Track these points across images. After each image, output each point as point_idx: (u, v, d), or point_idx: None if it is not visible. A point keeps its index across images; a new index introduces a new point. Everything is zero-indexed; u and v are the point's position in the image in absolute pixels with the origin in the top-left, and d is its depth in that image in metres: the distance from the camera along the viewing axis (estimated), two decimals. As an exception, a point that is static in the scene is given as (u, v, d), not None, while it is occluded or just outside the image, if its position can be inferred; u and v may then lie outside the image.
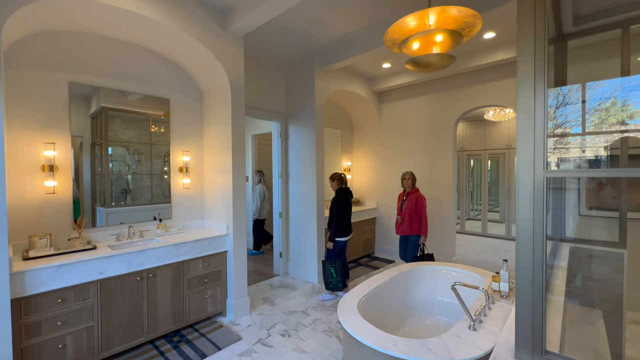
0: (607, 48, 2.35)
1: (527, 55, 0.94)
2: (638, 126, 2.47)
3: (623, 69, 2.15)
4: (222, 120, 3.06)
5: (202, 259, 2.82)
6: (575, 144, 2.47)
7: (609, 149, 2.66)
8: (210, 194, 3.27)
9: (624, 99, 2.36)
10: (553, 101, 2.05)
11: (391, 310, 2.52)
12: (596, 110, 2.44)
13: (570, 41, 2.31)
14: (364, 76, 4.76)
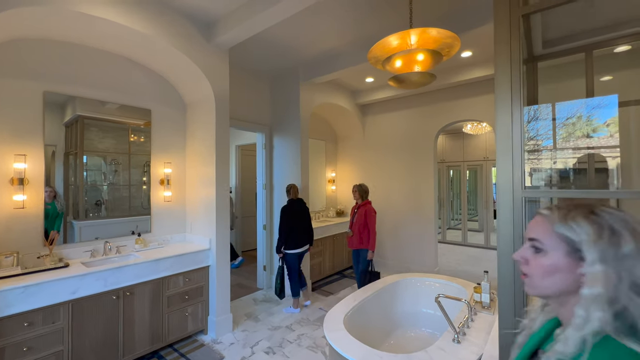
0: (574, 69, 2.51)
1: (504, 79, 0.99)
2: (601, 139, 2.67)
3: (587, 90, 2.31)
4: (206, 132, 3.02)
5: (183, 275, 2.73)
6: (546, 155, 2.62)
7: (577, 164, 2.83)
8: (193, 207, 3.18)
9: (588, 115, 2.56)
10: (525, 116, 2.17)
11: (376, 324, 2.52)
12: (564, 125, 2.62)
13: (540, 62, 2.48)
14: (348, 89, 4.86)
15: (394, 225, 4.88)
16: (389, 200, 4.94)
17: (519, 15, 0.95)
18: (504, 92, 1.01)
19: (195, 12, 2.64)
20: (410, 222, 4.70)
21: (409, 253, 4.72)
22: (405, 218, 4.76)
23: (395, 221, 4.87)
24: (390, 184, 4.94)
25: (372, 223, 3.43)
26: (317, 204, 5.05)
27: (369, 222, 3.42)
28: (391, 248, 4.92)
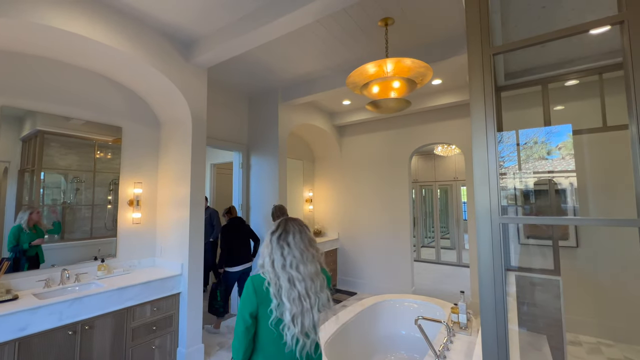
0: (532, 98, 2.73)
1: (479, 109, 1.05)
2: (555, 161, 2.94)
3: (545, 118, 2.52)
4: (181, 152, 2.92)
5: (150, 304, 2.53)
6: (509, 176, 2.83)
7: (539, 184, 3.05)
8: (164, 229, 3.01)
9: (543, 139, 2.82)
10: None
11: (356, 349, 2.46)
12: (523, 148, 2.85)
13: (504, 92, 2.69)
14: (325, 111, 4.96)
15: (370, 245, 4.91)
16: (365, 220, 4.99)
17: (490, 54, 1.03)
18: (479, 122, 1.07)
19: (174, 31, 2.62)
20: (386, 241, 4.76)
21: (386, 272, 4.73)
22: (381, 237, 4.81)
23: (371, 240, 4.91)
24: (366, 203, 5.01)
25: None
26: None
27: None
28: (367, 268, 4.92)
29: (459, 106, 4.18)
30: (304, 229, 1.24)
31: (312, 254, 1.20)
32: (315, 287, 1.17)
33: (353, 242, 5.10)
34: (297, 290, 1.13)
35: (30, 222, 2.33)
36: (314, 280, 1.17)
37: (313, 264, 1.19)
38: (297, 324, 1.11)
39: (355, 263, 5.06)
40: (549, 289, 2.55)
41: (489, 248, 0.99)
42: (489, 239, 0.99)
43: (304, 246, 1.19)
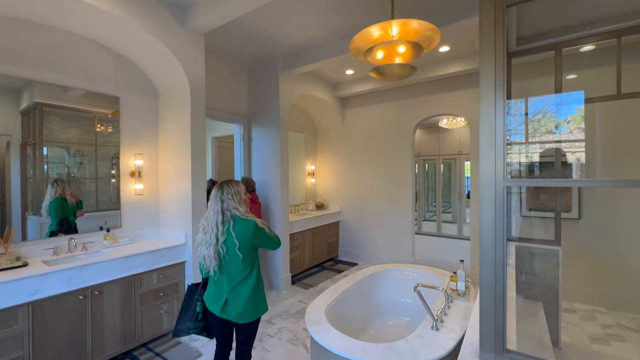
0: (542, 68, 2.61)
1: (488, 71, 1.00)
2: (562, 135, 2.85)
3: (556, 87, 2.42)
4: (181, 122, 2.87)
5: (157, 272, 2.60)
6: (515, 150, 2.76)
7: (544, 157, 2.99)
8: (167, 201, 3.04)
9: (552, 111, 2.71)
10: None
11: (357, 314, 2.54)
12: (531, 121, 2.76)
13: (514, 59, 2.56)
14: (327, 82, 4.81)
15: (372, 217, 4.95)
16: (367, 192, 5.00)
17: (504, 6, 0.95)
18: (488, 84, 1.02)
19: (167, -8, 2.48)
20: (388, 213, 4.79)
21: (387, 244, 4.81)
22: (383, 210, 4.84)
23: (372, 213, 4.94)
24: (368, 176, 4.99)
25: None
26: (296, 197, 5.01)
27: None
28: (369, 240, 5.00)
29: (467, 75, 4.03)
30: (221, 189, 1.71)
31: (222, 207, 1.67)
32: (218, 230, 1.65)
33: (355, 215, 5.15)
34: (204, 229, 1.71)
35: (73, 196, 2.56)
36: (218, 226, 1.65)
37: (220, 214, 1.67)
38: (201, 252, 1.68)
39: (357, 235, 5.14)
40: (547, 259, 2.58)
41: (492, 211, 0.97)
42: (492, 203, 0.97)
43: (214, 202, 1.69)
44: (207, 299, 1.70)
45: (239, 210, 1.66)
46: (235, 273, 1.64)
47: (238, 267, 1.63)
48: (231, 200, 1.66)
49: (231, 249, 1.62)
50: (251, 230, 1.62)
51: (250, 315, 1.65)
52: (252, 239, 1.63)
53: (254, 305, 1.65)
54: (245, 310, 1.63)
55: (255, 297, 1.66)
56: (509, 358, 0.97)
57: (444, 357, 1.59)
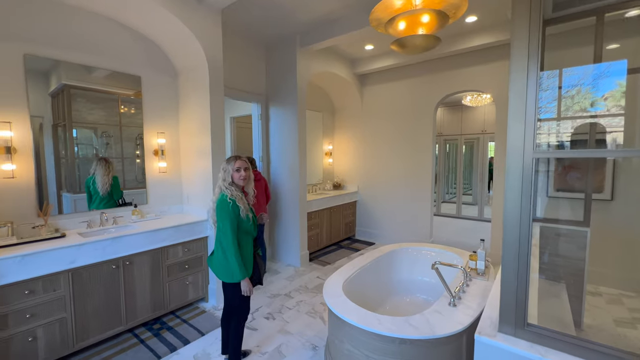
0: (580, 37, 2.41)
1: (521, 38, 0.93)
2: (599, 113, 2.64)
3: (595, 56, 2.23)
4: (200, 101, 2.90)
5: (182, 245, 2.74)
6: (544, 129, 2.60)
7: (576, 134, 2.81)
8: (189, 178, 3.14)
9: (587, 87, 2.50)
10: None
11: (373, 290, 2.58)
12: (563, 98, 2.57)
13: (549, 27, 2.37)
14: (346, 58, 4.67)
15: (390, 197, 4.92)
16: (386, 172, 4.94)
17: (542, -40, 0.87)
18: (521, 48, 0.96)
19: (183, -34, 2.44)
20: (407, 194, 4.73)
21: (405, 225, 4.79)
22: (402, 190, 4.78)
23: (391, 193, 4.90)
24: (387, 156, 4.91)
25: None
26: (313, 176, 5.03)
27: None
28: (386, 220, 4.99)
29: (495, 48, 3.78)
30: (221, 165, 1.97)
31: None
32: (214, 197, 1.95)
33: (373, 195, 5.13)
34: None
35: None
36: (214, 193, 1.96)
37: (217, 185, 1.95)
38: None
39: (374, 215, 5.14)
40: (574, 240, 2.49)
41: (519, 184, 0.94)
42: (519, 175, 0.93)
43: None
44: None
45: (220, 183, 1.91)
46: (217, 234, 1.88)
47: (218, 231, 1.86)
48: (220, 173, 1.93)
49: (216, 214, 1.88)
50: (219, 201, 1.85)
51: (222, 275, 1.89)
52: (217, 209, 1.84)
53: (224, 269, 1.87)
54: (218, 269, 1.89)
55: (225, 263, 1.86)
56: (529, 332, 0.96)
57: (461, 333, 1.60)
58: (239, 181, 1.91)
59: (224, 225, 1.80)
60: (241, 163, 1.92)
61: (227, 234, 1.79)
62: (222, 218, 1.80)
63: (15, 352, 1.90)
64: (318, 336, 2.45)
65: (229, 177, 1.90)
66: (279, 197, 4.09)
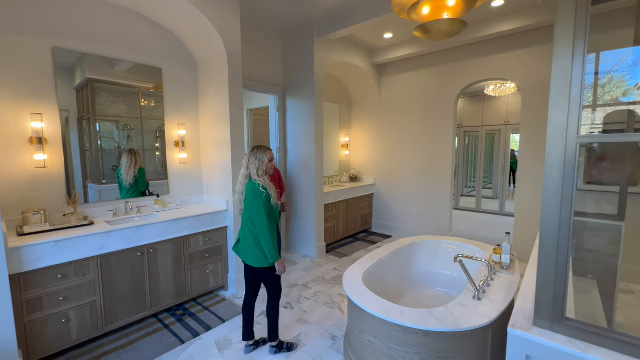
0: (621, 18, 2.24)
1: (567, 13, 0.87)
2: (631, 105, 2.46)
3: (636, 39, 2.08)
4: (219, 92, 2.92)
5: (202, 235, 2.79)
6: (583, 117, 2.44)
7: (608, 124, 2.64)
8: (209, 169, 3.18)
9: (621, 75, 2.32)
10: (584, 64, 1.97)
11: (393, 282, 2.56)
12: (591, 87, 2.40)
13: (593, 7, 2.22)
14: (364, 47, 4.58)
15: (407, 189, 4.83)
16: (404, 164, 4.85)
17: None
18: (566, 31, 0.89)
19: (203, -44, 2.43)
20: (425, 187, 4.64)
21: (423, 218, 4.71)
22: (420, 183, 4.69)
23: (408, 185, 4.82)
24: (405, 148, 4.81)
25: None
26: (330, 168, 5.01)
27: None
28: (403, 213, 4.92)
29: (520, 34, 3.60)
30: (250, 153, 1.98)
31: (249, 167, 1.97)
32: (243, 184, 1.98)
33: (390, 188, 5.06)
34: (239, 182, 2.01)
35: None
36: (244, 180, 1.99)
37: (247, 170, 1.98)
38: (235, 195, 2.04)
39: (392, 208, 5.08)
40: (606, 235, 2.36)
41: (560, 172, 0.88)
42: (560, 162, 0.88)
43: (245, 161, 1.98)
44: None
45: (253, 173, 1.93)
46: (246, 222, 1.95)
47: (249, 218, 1.93)
48: (252, 163, 1.94)
49: (245, 202, 1.94)
50: (251, 190, 1.90)
51: (253, 261, 1.94)
52: (250, 198, 1.88)
53: (255, 255, 1.93)
54: (249, 256, 1.95)
55: (256, 249, 1.92)
56: (568, 326, 0.91)
57: (487, 326, 1.56)
58: (269, 171, 1.99)
59: (259, 212, 1.85)
60: (272, 153, 2.02)
61: (262, 220, 1.84)
62: (258, 205, 1.85)
63: (50, 333, 2.00)
64: (336, 326, 2.45)
65: (263, 167, 1.94)
66: (295, 188, 4.10)
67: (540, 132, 3.62)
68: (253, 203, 1.87)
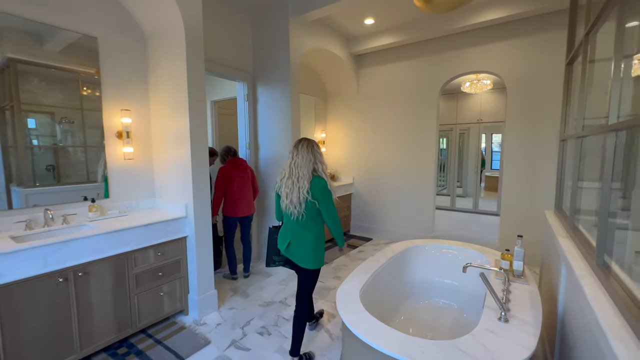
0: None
1: None
2: None
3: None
4: (175, 73, 2.37)
5: (154, 248, 2.22)
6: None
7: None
8: (162, 167, 2.60)
9: None
10: None
11: (386, 297, 2.20)
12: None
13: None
14: (342, 35, 4.21)
15: (388, 190, 4.55)
16: (383, 164, 4.56)
17: None
18: None
19: None
20: (406, 186, 4.38)
21: (404, 219, 4.45)
22: (401, 182, 4.42)
23: (389, 185, 4.54)
24: (385, 145, 4.52)
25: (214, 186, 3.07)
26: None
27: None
28: (384, 214, 4.63)
29: (507, 24, 3.45)
30: (299, 149, 1.83)
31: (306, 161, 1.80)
32: (295, 182, 1.78)
33: (369, 187, 4.74)
34: (291, 181, 1.79)
35: None
36: (306, 175, 1.78)
37: (305, 168, 1.79)
38: (287, 198, 1.81)
39: (371, 209, 4.77)
40: None
41: None
42: None
43: (297, 157, 1.81)
44: (279, 237, 1.97)
45: (319, 169, 1.83)
46: (303, 222, 1.82)
47: (307, 218, 1.81)
48: (317, 158, 1.83)
49: (306, 201, 1.77)
50: (319, 187, 1.77)
51: (311, 262, 1.84)
52: (319, 196, 1.77)
53: (315, 255, 1.85)
54: (307, 258, 1.84)
55: (314, 248, 1.84)
56: None
57: None
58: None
59: (329, 208, 1.80)
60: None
61: (335, 216, 1.83)
62: (329, 202, 1.80)
63: None
64: (325, 355, 2.03)
65: (324, 160, 1.87)
66: (268, 190, 3.62)
67: (526, 126, 3.49)
68: (323, 200, 1.78)
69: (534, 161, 3.47)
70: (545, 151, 3.39)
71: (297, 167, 1.77)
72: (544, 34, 3.27)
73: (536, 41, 3.33)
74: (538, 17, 3.27)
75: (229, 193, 3.00)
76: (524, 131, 3.50)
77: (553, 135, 3.32)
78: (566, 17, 3.05)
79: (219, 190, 2.98)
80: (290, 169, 1.79)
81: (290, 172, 1.79)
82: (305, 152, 1.79)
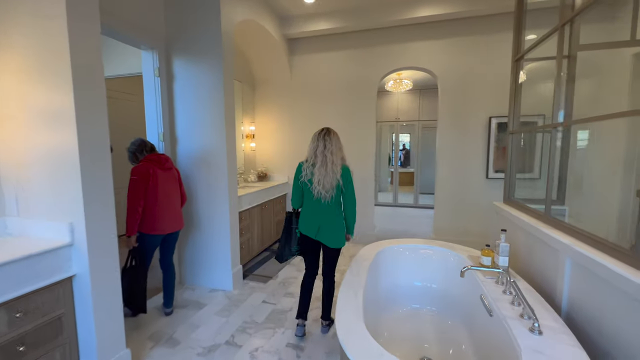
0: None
1: None
2: None
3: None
4: (42, 10, 1.43)
5: (6, 307, 1.28)
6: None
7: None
8: (21, 166, 1.59)
9: None
10: None
11: (368, 312, 1.84)
12: None
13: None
14: (277, 11, 3.67)
15: (329, 188, 4.26)
16: (323, 160, 4.24)
17: None
18: None
19: None
20: (347, 183, 4.17)
21: (345, 217, 4.23)
22: (342, 179, 4.19)
23: (329, 183, 4.24)
24: (324, 140, 4.21)
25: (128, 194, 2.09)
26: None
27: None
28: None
29: (445, 22, 3.56)
30: (331, 137, 2.01)
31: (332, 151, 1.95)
32: (330, 167, 1.92)
33: (307, 186, 4.35)
34: (325, 167, 1.92)
35: None
36: (336, 164, 1.94)
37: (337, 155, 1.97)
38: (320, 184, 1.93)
39: (309, 209, 4.38)
40: None
41: None
42: None
43: (330, 144, 1.97)
44: (302, 224, 2.03)
45: (345, 157, 2.05)
46: (333, 206, 1.97)
47: (336, 202, 1.98)
48: (339, 149, 2.00)
49: (337, 186, 1.94)
50: (348, 174, 1.97)
51: (340, 242, 2.01)
52: (347, 182, 1.95)
53: (342, 236, 2.02)
54: (338, 238, 1.99)
55: (342, 229, 2.02)
56: None
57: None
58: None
59: (353, 194, 2.01)
60: None
61: (355, 202, 2.04)
62: (353, 188, 2.00)
63: None
64: None
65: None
66: (194, 194, 2.81)
67: (458, 125, 3.69)
68: (350, 186, 1.97)
69: (464, 158, 3.70)
70: (473, 148, 3.65)
71: (332, 154, 1.90)
72: (482, 36, 3.46)
73: (472, 42, 3.52)
74: (478, 18, 3.44)
75: (151, 202, 2.12)
76: (455, 128, 3.70)
77: (480, 136, 3.60)
78: (503, 21, 3.29)
79: (135, 198, 2.06)
80: (323, 156, 1.90)
81: (324, 159, 1.90)
82: (336, 141, 1.97)
